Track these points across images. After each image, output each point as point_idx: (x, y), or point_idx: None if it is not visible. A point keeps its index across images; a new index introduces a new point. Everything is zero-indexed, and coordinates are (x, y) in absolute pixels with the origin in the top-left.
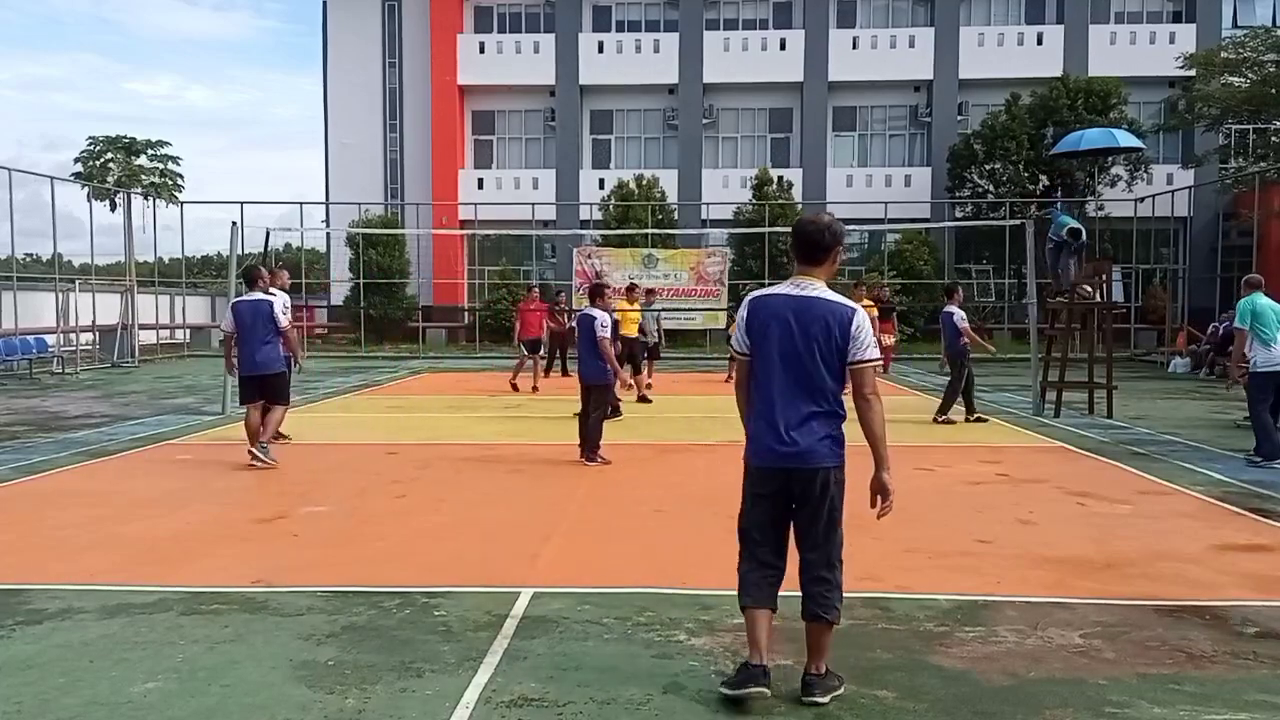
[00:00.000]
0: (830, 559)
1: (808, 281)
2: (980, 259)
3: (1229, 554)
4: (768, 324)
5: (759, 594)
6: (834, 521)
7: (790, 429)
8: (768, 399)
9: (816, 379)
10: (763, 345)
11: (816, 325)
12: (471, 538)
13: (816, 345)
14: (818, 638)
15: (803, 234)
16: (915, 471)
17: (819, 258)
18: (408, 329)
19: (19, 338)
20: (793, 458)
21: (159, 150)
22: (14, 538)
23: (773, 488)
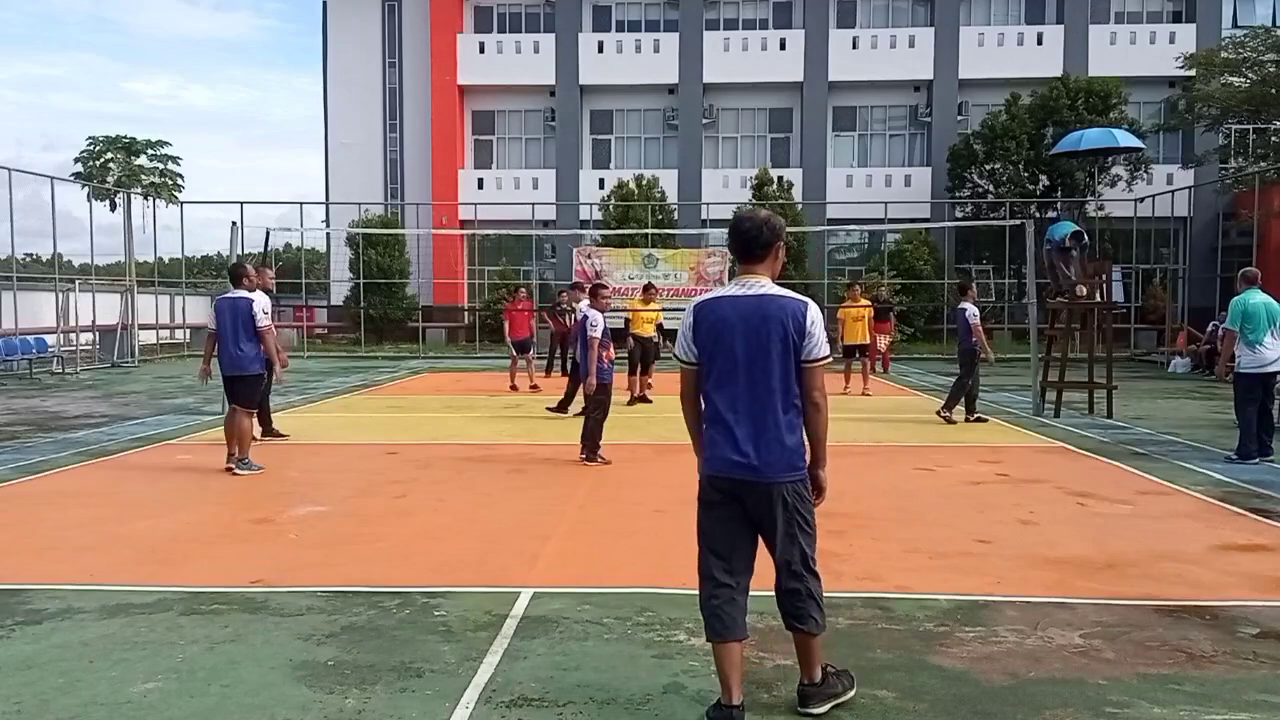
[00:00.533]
0: (797, 568)
1: (753, 280)
2: (980, 259)
3: (1229, 554)
4: (718, 329)
5: (724, 623)
6: (797, 531)
7: (747, 440)
8: (723, 408)
9: (774, 383)
10: (714, 352)
11: (770, 324)
12: (471, 538)
13: (772, 347)
14: (802, 648)
15: (740, 231)
16: (915, 471)
17: (759, 254)
18: (408, 329)
19: (19, 338)
20: (748, 470)
21: (159, 150)
22: (14, 538)
23: (727, 499)
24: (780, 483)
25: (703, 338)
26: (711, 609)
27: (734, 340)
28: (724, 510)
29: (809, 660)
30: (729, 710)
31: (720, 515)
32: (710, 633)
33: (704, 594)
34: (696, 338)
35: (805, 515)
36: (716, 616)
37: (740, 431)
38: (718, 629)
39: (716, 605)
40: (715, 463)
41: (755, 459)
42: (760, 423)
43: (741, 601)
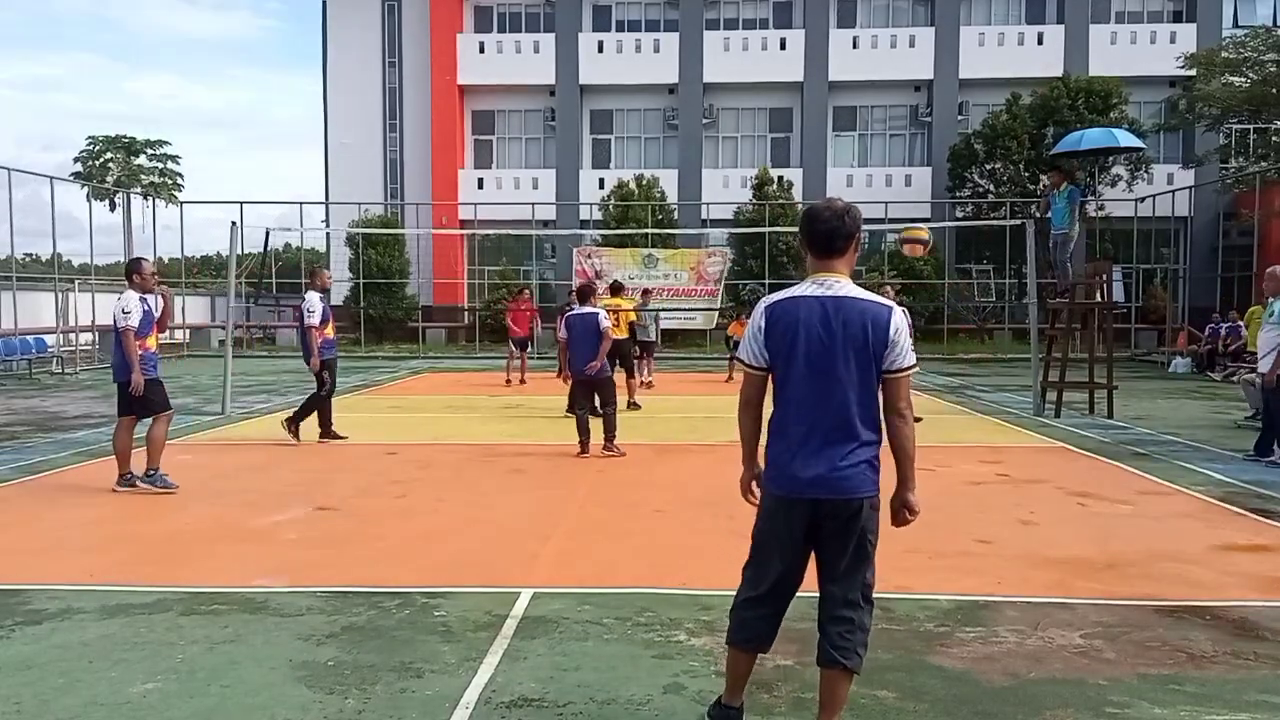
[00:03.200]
0: (854, 596)
1: (832, 279)
2: (980, 259)
3: (1230, 554)
4: (793, 332)
5: (753, 634)
6: (863, 554)
7: (819, 455)
8: (795, 419)
9: (853, 393)
10: (789, 357)
11: (852, 329)
12: (471, 538)
13: (852, 354)
14: (833, 688)
15: (820, 221)
16: (915, 471)
17: (840, 247)
18: (407, 329)
19: (18, 338)
20: (823, 486)
21: (158, 150)
22: (14, 538)
23: (796, 520)
24: (854, 499)
25: (775, 341)
26: (743, 620)
27: (811, 345)
28: (786, 530)
29: (834, 705)
30: (731, 710)
31: (781, 534)
32: (735, 638)
33: (740, 601)
34: (769, 341)
35: (873, 539)
36: (748, 627)
37: (812, 446)
38: (744, 638)
39: (749, 618)
40: (783, 481)
41: (828, 475)
42: (834, 436)
43: (777, 621)
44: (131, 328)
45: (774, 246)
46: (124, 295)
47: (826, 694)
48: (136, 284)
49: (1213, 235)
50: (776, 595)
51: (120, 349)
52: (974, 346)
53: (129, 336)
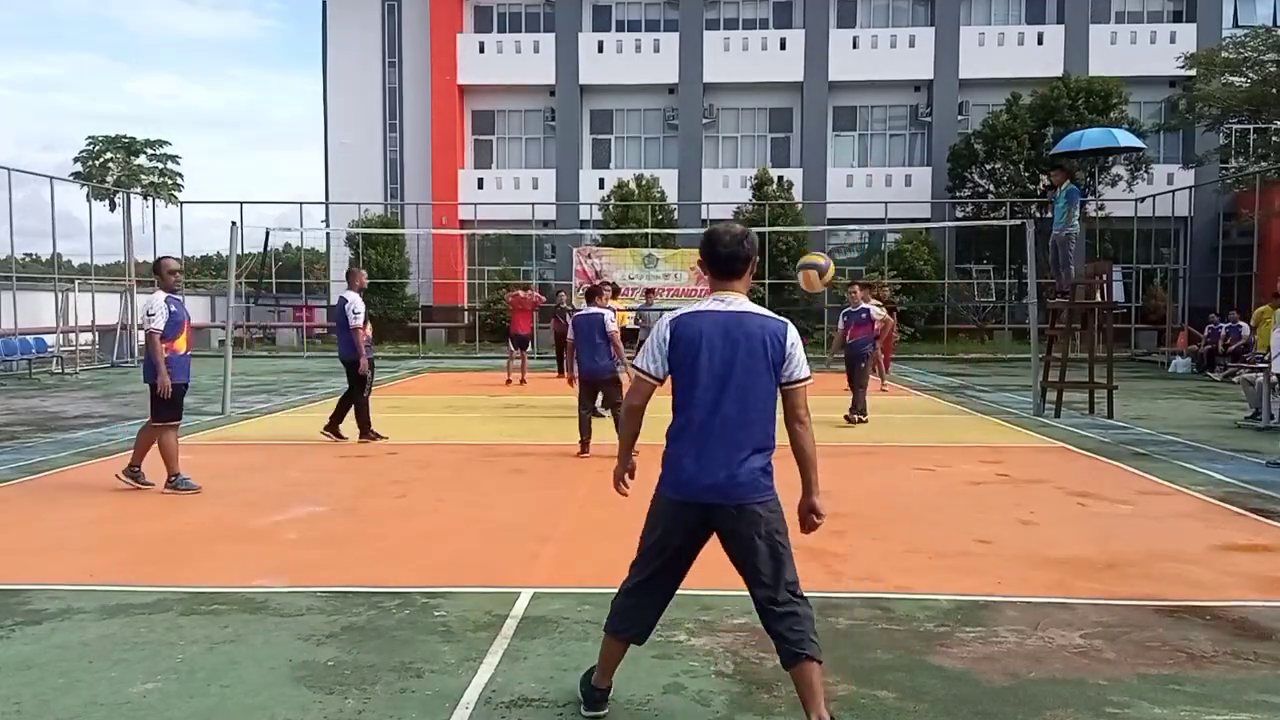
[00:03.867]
0: (783, 596)
1: (731, 296)
2: (980, 259)
3: (1230, 554)
4: (696, 344)
5: (629, 624)
6: (779, 555)
7: (717, 460)
8: (693, 426)
9: (750, 402)
10: (691, 368)
11: (752, 342)
12: (471, 538)
13: (751, 365)
14: (807, 680)
15: (721, 245)
16: (915, 472)
17: (739, 269)
18: (407, 329)
19: (18, 338)
20: (716, 492)
21: (158, 150)
22: (14, 538)
23: (687, 523)
24: (745, 504)
25: (678, 353)
26: (621, 608)
27: (712, 357)
28: (677, 532)
29: (814, 694)
30: (599, 691)
31: (672, 536)
32: (612, 626)
33: (623, 590)
34: (672, 353)
35: (782, 540)
36: (624, 617)
37: (709, 452)
38: (620, 628)
39: (628, 607)
40: (679, 486)
41: (723, 481)
42: (730, 444)
43: (654, 616)
44: (156, 330)
45: (774, 246)
46: (151, 297)
47: (803, 688)
48: (161, 284)
49: (1213, 235)
50: (656, 592)
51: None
52: (974, 346)
53: (154, 340)
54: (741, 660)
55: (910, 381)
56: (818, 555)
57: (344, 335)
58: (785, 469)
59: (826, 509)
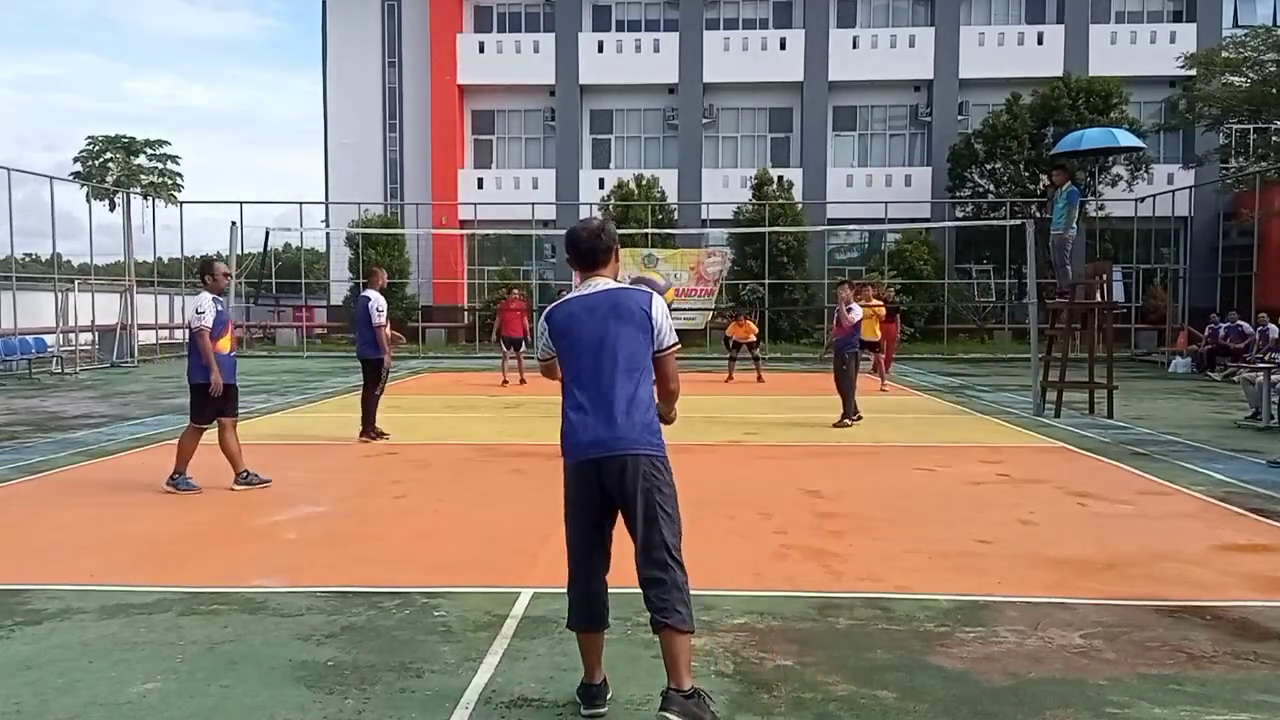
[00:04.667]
0: (658, 555)
1: (596, 280)
2: (980, 259)
3: (1230, 554)
4: (568, 324)
5: (584, 615)
6: (654, 511)
7: (601, 419)
8: (579, 395)
9: (623, 363)
10: (569, 344)
11: (619, 311)
12: (471, 538)
13: (620, 331)
14: (669, 647)
15: (580, 242)
16: (915, 471)
17: (601, 260)
18: (407, 329)
19: (18, 338)
20: (600, 446)
21: (158, 150)
22: (13, 538)
23: (586, 483)
24: (634, 454)
25: (557, 333)
26: (572, 603)
27: (583, 331)
28: (581, 496)
29: (675, 662)
30: (593, 688)
31: (582, 504)
32: (571, 623)
33: (568, 586)
34: (553, 335)
35: (660, 499)
36: (577, 611)
37: (594, 413)
38: (577, 621)
39: (575, 600)
40: (573, 449)
41: (605, 436)
42: (612, 401)
43: (602, 597)
44: (206, 327)
45: (774, 246)
46: (199, 296)
47: (666, 655)
48: (210, 285)
49: (1213, 235)
50: (587, 571)
51: (196, 351)
52: (974, 346)
53: (204, 337)
54: (741, 660)
55: (910, 381)
56: (818, 555)
57: (365, 333)
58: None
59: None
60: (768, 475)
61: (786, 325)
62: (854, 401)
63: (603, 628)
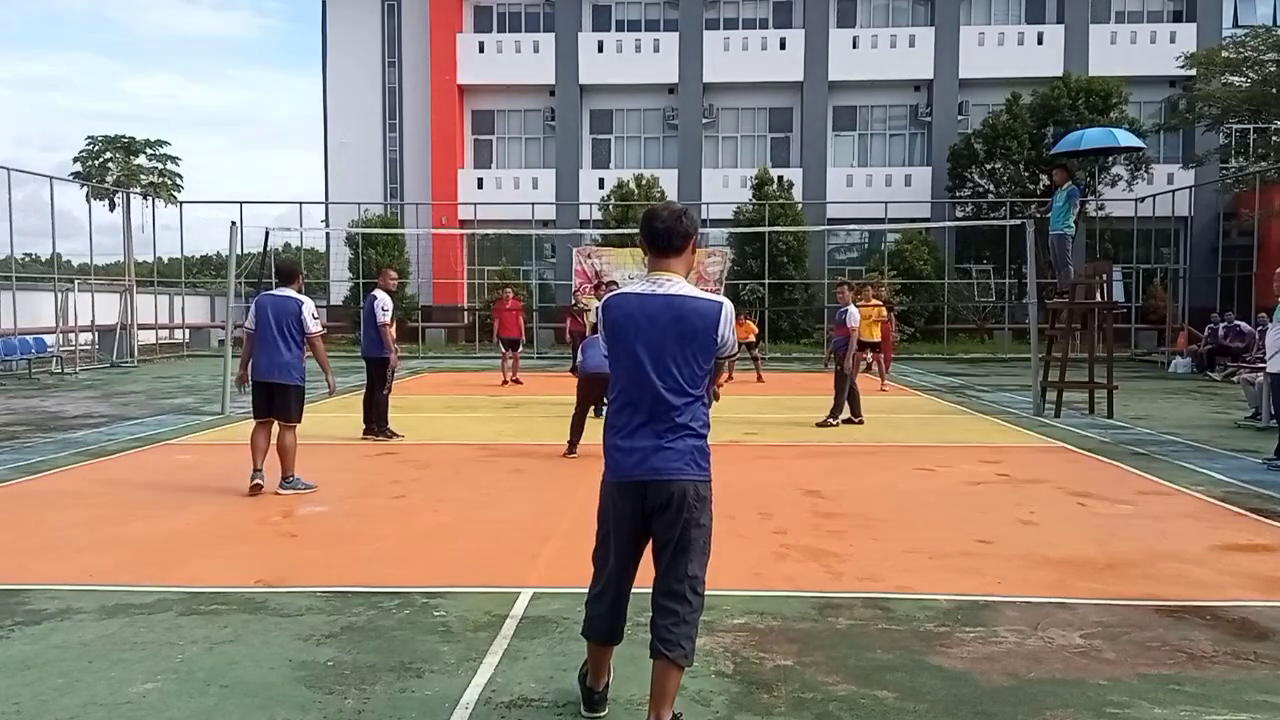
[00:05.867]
0: (678, 587)
1: (665, 277)
2: (980, 259)
3: (1230, 554)
4: (626, 326)
5: (600, 629)
6: (686, 543)
7: (647, 440)
8: (625, 408)
9: (681, 385)
10: (622, 349)
11: (683, 325)
12: (471, 538)
13: (681, 348)
14: (661, 679)
15: (658, 220)
16: (915, 471)
17: (678, 245)
18: (407, 329)
19: (18, 338)
20: (647, 469)
21: (158, 150)
22: (13, 538)
23: (627, 504)
24: (675, 481)
25: (610, 332)
26: (590, 617)
27: (639, 341)
28: (618, 515)
29: (663, 695)
30: (594, 693)
31: (616, 520)
32: (586, 632)
33: (589, 598)
34: (606, 333)
35: (697, 532)
36: (595, 624)
37: (640, 433)
38: (592, 633)
39: (595, 615)
40: (615, 468)
41: (652, 459)
42: (660, 424)
43: (620, 612)
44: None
45: (774, 246)
46: (303, 299)
47: (656, 685)
48: (301, 288)
49: (1213, 235)
50: (613, 587)
51: (299, 350)
52: (974, 346)
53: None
54: (741, 660)
55: (910, 381)
56: (818, 555)
57: (371, 332)
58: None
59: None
60: (768, 475)
61: (786, 325)
62: (843, 403)
63: (615, 642)
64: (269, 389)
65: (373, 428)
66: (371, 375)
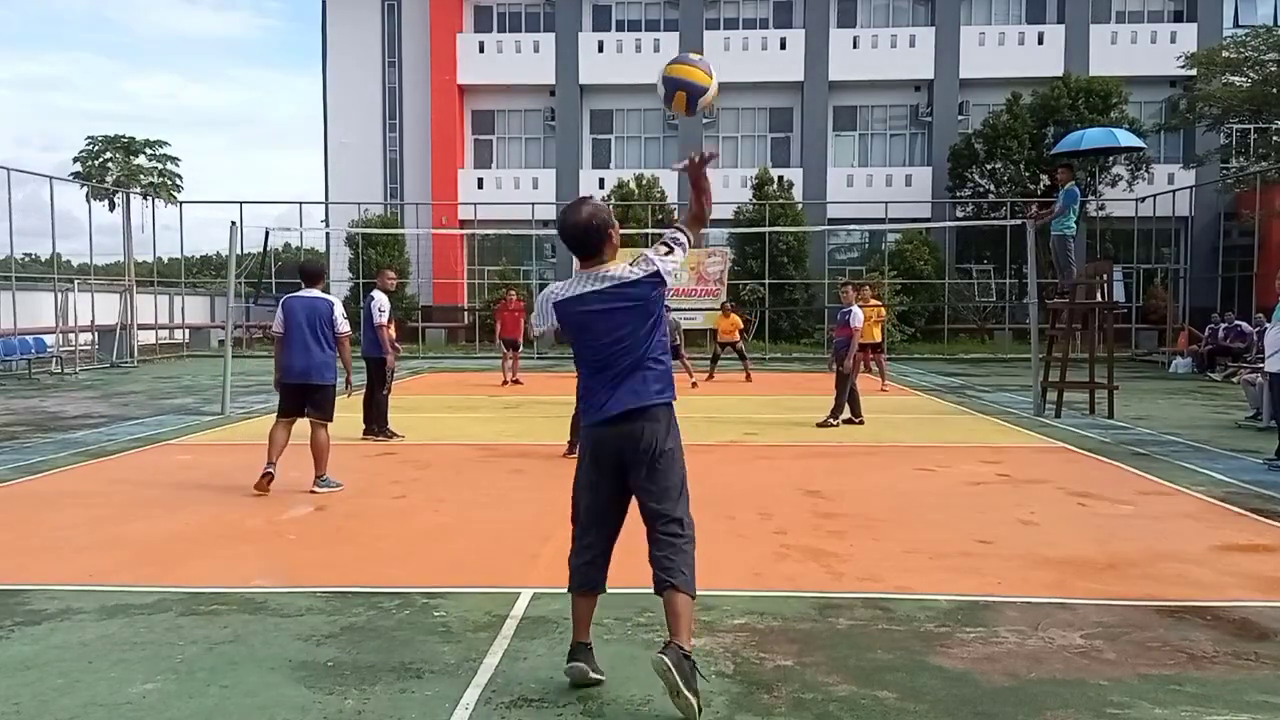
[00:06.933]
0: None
1: (596, 270)
2: (981, 259)
3: (1230, 554)
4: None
5: (585, 580)
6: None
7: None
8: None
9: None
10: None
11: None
12: (471, 538)
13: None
14: (673, 608)
15: (564, 236)
16: (915, 472)
17: (594, 249)
18: (407, 329)
19: (18, 338)
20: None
21: (158, 150)
22: (13, 538)
23: (601, 449)
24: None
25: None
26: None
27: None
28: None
29: (679, 621)
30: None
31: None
32: (571, 586)
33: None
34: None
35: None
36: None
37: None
38: (578, 585)
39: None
40: (591, 415)
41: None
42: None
43: (604, 564)
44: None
45: (774, 246)
46: (334, 300)
47: (669, 615)
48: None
49: (1213, 235)
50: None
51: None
52: (974, 346)
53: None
54: (741, 660)
55: (910, 381)
56: (818, 555)
57: (369, 333)
58: None
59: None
60: (768, 475)
61: (787, 325)
62: (844, 403)
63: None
64: (303, 390)
65: (373, 428)
66: (371, 375)
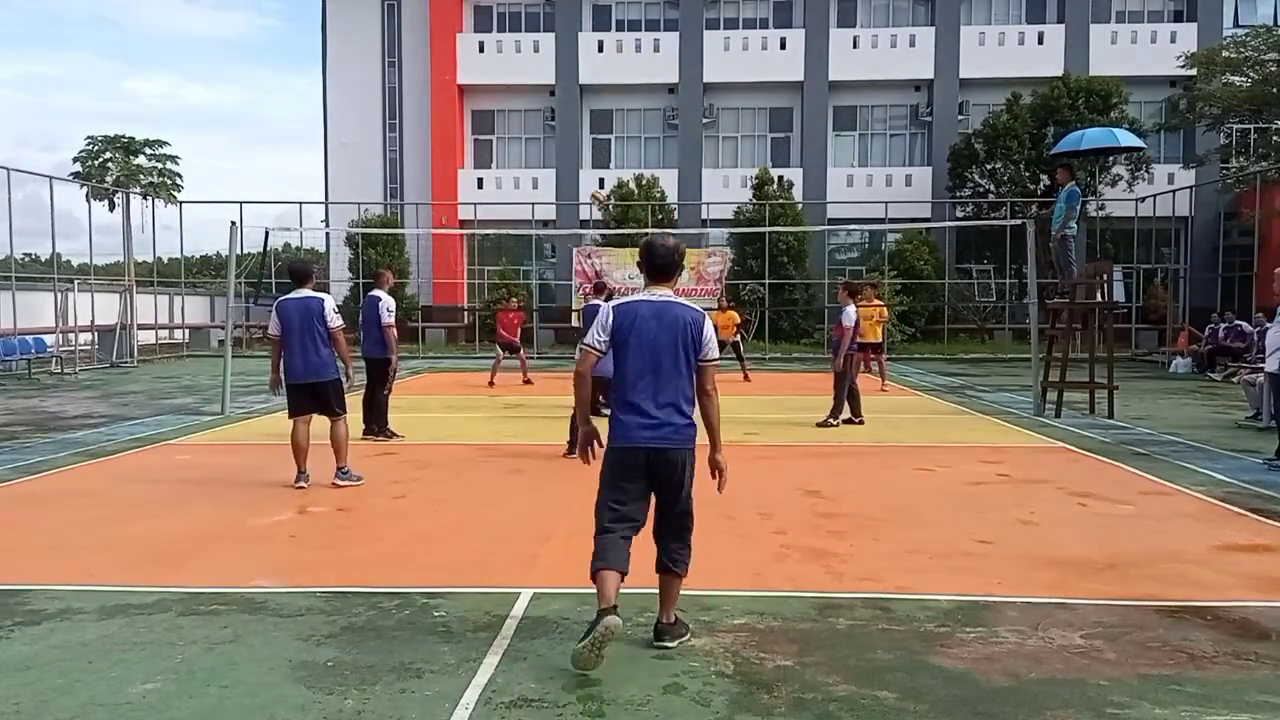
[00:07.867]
0: (679, 524)
1: (660, 291)
2: (981, 259)
3: (1231, 555)
4: (632, 325)
5: (611, 558)
6: (688, 495)
7: (653, 416)
8: (633, 391)
9: (679, 369)
10: (626, 344)
11: (675, 326)
12: (471, 538)
13: (673, 345)
14: (669, 587)
15: (655, 256)
16: (916, 472)
17: (671, 274)
18: (407, 329)
19: (18, 338)
20: (657, 440)
21: (157, 149)
22: (13, 538)
23: (637, 467)
24: (685, 449)
25: (618, 332)
26: (610, 542)
27: (643, 336)
28: (632, 480)
29: (671, 597)
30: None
31: (629, 479)
32: (596, 565)
33: (602, 539)
34: (615, 330)
35: (691, 484)
36: (605, 554)
37: (653, 409)
38: (603, 564)
39: (611, 543)
40: (627, 438)
41: (659, 432)
42: (662, 404)
43: (628, 545)
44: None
45: (774, 246)
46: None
47: (664, 592)
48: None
49: (1213, 235)
50: (633, 523)
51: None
52: (974, 346)
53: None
54: (741, 660)
55: (910, 381)
56: (818, 555)
57: (374, 333)
58: None
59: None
60: (768, 475)
61: (787, 325)
62: (843, 403)
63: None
64: (310, 389)
65: (373, 428)
66: (372, 375)
